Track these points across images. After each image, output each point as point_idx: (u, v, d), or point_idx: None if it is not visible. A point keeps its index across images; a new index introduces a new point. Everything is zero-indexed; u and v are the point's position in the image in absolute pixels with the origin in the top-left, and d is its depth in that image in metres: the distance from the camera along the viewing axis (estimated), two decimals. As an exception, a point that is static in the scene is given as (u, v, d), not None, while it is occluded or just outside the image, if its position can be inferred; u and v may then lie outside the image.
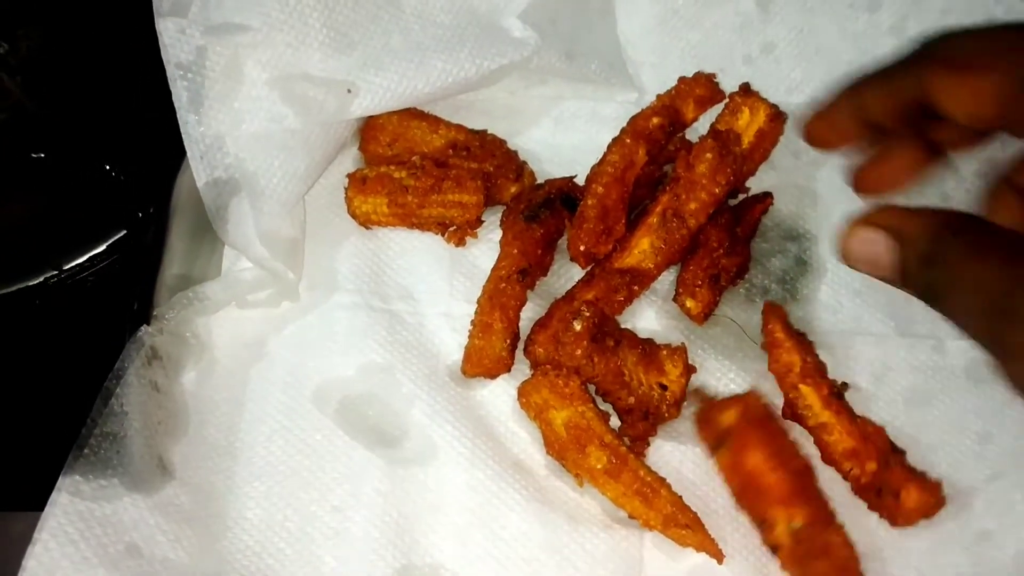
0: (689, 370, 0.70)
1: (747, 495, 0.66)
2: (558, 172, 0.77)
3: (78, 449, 0.61)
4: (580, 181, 0.76)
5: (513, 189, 0.76)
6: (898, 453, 0.66)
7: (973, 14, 0.79)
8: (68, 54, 0.80)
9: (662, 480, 0.66)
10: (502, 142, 0.78)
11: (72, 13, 0.81)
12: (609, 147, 0.73)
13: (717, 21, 0.82)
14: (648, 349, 0.70)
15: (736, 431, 0.66)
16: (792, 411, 0.68)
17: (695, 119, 0.76)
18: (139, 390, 0.64)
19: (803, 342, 0.69)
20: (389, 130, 0.77)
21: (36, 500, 0.60)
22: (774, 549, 0.64)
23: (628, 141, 0.72)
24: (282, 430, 0.69)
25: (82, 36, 0.82)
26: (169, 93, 0.68)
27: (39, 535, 0.58)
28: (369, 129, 0.77)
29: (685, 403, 0.70)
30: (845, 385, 0.69)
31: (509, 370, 0.71)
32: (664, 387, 0.69)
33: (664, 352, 0.70)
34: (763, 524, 0.65)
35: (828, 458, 0.67)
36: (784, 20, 0.82)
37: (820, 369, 0.68)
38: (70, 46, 0.81)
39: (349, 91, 0.72)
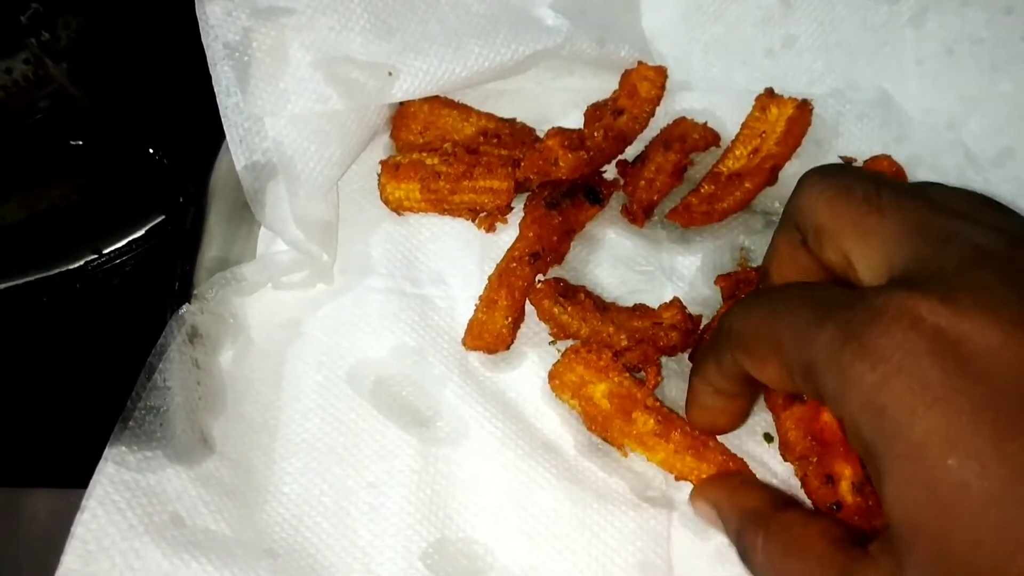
0: (693, 319, 0.72)
1: (815, 451, 0.67)
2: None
3: (123, 422, 0.62)
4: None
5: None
6: None
7: (992, 6, 0.80)
8: (109, 41, 0.82)
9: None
10: (531, 130, 0.79)
11: (112, 1, 0.83)
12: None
13: (739, 15, 0.84)
14: (640, 308, 0.73)
15: None
16: None
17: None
18: (181, 366, 0.65)
19: None
20: (421, 118, 0.79)
21: (79, 477, 0.62)
22: (835, 507, 0.65)
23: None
24: (317, 408, 0.70)
25: (121, 23, 0.83)
26: (208, 79, 0.70)
27: (87, 502, 0.59)
28: (401, 117, 0.79)
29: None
30: None
31: (507, 347, 0.73)
32: (659, 323, 0.71)
33: (657, 307, 0.72)
34: (828, 481, 0.66)
35: None
36: (805, 13, 0.83)
37: None
38: (110, 33, 0.82)
39: (390, 74, 0.73)
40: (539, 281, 0.74)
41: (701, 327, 0.73)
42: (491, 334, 0.72)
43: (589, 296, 0.73)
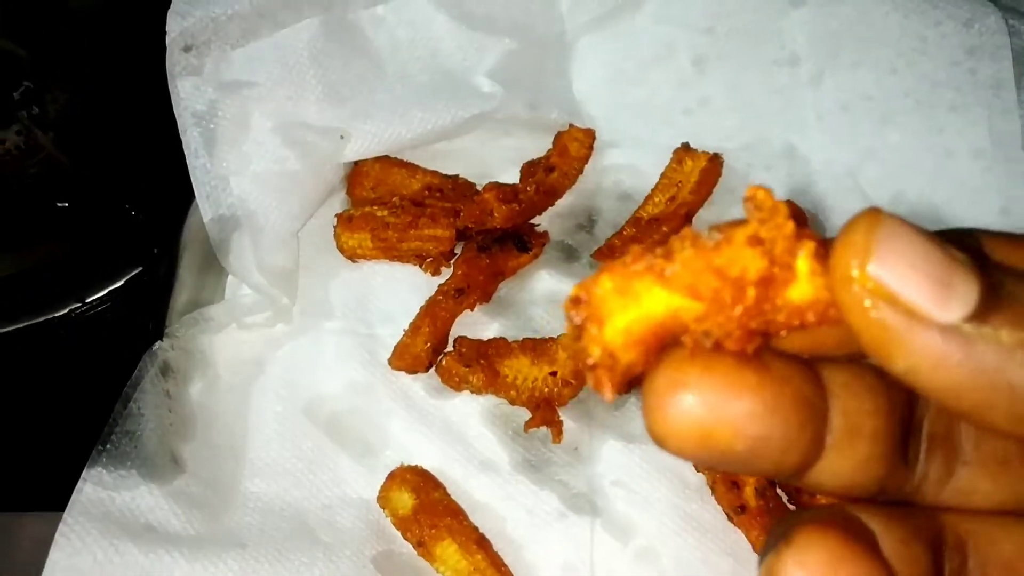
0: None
1: None
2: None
3: (101, 445, 0.70)
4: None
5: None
6: None
7: (879, 67, 0.89)
8: (92, 112, 0.91)
9: None
10: (472, 185, 0.88)
11: (94, 78, 0.92)
12: None
13: (659, 80, 0.93)
14: (540, 346, 0.79)
15: None
16: None
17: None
18: (153, 396, 0.73)
19: None
20: (373, 176, 0.88)
21: (64, 501, 0.69)
22: (739, 510, 0.72)
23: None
24: (277, 437, 0.78)
25: (103, 96, 0.93)
26: (179, 144, 0.78)
27: (68, 514, 0.67)
28: (355, 175, 0.88)
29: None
30: None
31: (426, 369, 0.80)
32: (554, 373, 0.78)
33: (555, 343, 0.79)
34: (733, 487, 0.73)
35: None
36: (717, 77, 0.92)
37: None
38: (93, 104, 0.91)
39: (342, 137, 0.83)
40: (457, 348, 0.80)
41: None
42: (411, 356, 0.80)
43: (483, 356, 0.79)
